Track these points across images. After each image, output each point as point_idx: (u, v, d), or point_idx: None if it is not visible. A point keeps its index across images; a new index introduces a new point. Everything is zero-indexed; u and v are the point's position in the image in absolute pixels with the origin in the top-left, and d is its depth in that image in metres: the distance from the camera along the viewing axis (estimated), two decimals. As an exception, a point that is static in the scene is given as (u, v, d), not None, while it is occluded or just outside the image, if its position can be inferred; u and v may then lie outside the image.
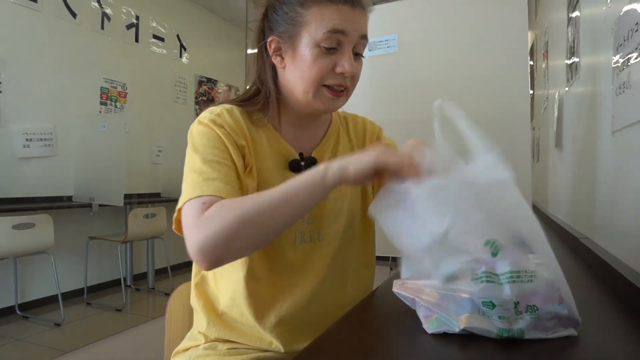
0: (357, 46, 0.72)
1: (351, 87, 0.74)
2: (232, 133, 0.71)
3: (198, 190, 0.63)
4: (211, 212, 0.59)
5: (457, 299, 0.52)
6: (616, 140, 0.92)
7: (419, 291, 0.56)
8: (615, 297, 0.73)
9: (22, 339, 2.53)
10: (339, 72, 0.70)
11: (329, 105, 0.73)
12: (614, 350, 0.51)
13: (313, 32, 0.68)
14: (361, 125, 0.89)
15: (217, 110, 0.73)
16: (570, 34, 1.51)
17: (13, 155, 3.05)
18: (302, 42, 0.70)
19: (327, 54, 0.69)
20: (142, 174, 4.08)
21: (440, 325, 0.52)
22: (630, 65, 0.78)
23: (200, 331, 0.79)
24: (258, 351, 0.77)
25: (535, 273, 0.50)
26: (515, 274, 0.49)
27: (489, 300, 0.50)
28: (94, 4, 3.64)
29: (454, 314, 0.52)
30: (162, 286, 3.70)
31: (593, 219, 1.14)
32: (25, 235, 2.58)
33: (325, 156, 0.81)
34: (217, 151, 0.68)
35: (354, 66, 0.71)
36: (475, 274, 0.50)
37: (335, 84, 0.71)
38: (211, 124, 0.70)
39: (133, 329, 2.69)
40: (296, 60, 0.71)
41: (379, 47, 1.45)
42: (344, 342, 0.55)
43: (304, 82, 0.70)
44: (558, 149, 1.84)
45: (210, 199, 0.61)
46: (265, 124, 0.77)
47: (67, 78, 3.40)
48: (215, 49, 5.07)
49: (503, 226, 0.52)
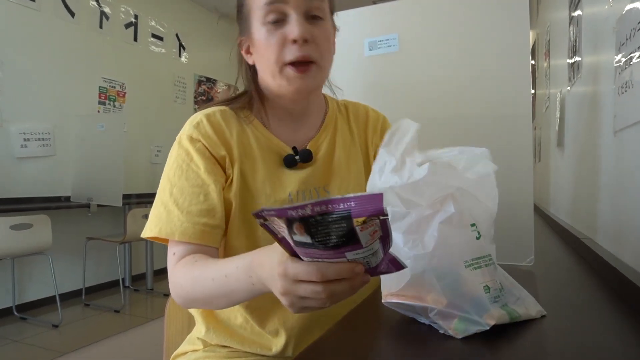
0: (309, 9, 0.66)
1: (320, 59, 0.68)
2: (210, 145, 0.69)
3: (164, 230, 0.66)
4: (176, 273, 0.65)
5: (468, 297, 0.52)
6: (618, 140, 0.91)
7: (420, 298, 0.54)
8: (617, 298, 0.72)
9: (19, 340, 2.52)
10: (291, 38, 0.65)
11: (297, 85, 0.68)
12: (615, 351, 0.50)
13: (257, 14, 0.67)
14: (363, 113, 0.85)
15: (196, 119, 0.71)
16: (572, 33, 1.51)
17: (11, 155, 3.04)
18: (254, 29, 0.69)
19: (276, 28, 0.66)
20: (141, 174, 4.07)
21: (469, 327, 0.51)
22: (633, 65, 0.77)
23: (199, 337, 0.79)
24: (257, 356, 0.76)
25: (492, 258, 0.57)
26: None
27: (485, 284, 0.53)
28: (92, 3, 3.63)
29: (475, 313, 0.52)
30: (161, 287, 3.69)
31: (595, 219, 1.14)
32: (23, 235, 2.57)
33: (322, 147, 0.77)
34: (189, 180, 0.68)
35: (305, 29, 0.65)
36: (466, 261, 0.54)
37: (297, 56, 0.65)
38: (187, 141, 0.69)
39: (131, 330, 2.68)
40: (256, 49, 0.70)
41: (379, 46, 1.44)
42: (343, 343, 0.54)
43: (268, 66, 0.68)
44: (560, 148, 1.84)
45: (179, 249, 0.66)
46: (252, 120, 0.75)
47: (65, 77, 3.39)
48: (214, 49, 5.06)
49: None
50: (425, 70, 1.41)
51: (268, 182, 0.71)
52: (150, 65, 4.21)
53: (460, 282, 0.53)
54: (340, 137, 0.80)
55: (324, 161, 0.76)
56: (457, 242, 0.54)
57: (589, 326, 0.58)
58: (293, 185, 0.72)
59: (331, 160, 0.77)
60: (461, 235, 0.54)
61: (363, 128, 0.84)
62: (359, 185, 0.78)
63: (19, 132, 3.07)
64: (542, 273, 0.95)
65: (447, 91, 1.40)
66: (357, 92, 1.74)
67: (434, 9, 1.40)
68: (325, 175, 0.76)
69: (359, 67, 1.44)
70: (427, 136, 1.58)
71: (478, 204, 0.57)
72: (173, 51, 4.52)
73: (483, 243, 0.55)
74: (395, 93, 1.46)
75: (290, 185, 0.72)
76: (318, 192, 0.75)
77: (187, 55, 4.69)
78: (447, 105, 1.40)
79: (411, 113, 1.49)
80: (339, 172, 0.77)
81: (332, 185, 0.76)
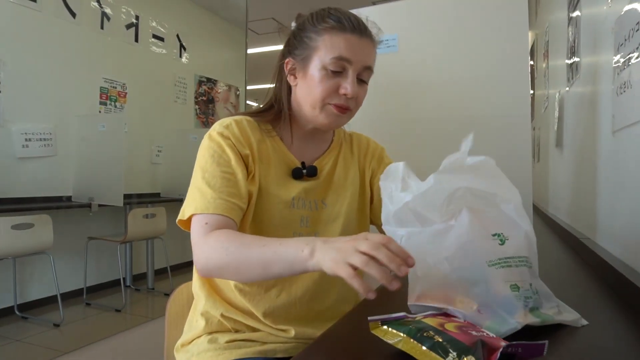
0: (361, 74, 0.79)
1: (354, 109, 0.81)
2: (237, 144, 0.78)
3: (200, 207, 0.72)
4: (211, 240, 0.68)
5: (497, 298, 0.53)
6: (617, 140, 0.92)
7: (449, 301, 0.55)
8: (615, 297, 0.73)
9: (21, 339, 2.52)
10: (342, 93, 0.77)
11: (333, 120, 0.80)
12: (614, 350, 0.51)
13: (323, 56, 0.77)
14: (365, 143, 0.97)
15: (226, 122, 0.81)
16: (571, 33, 1.51)
17: (12, 155, 3.04)
18: (313, 64, 0.78)
19: (333, 77, 0.77)
20: (142, 174, 4.07)
21: (501, 327, 0.52)
22: (631, 65, 0.77)
23: (202, 312, 0.82)
24: (258, 344, 0.79)
25: (528, 259, 0.59)
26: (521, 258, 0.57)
27: (514, 282, 0.55)
28: (93, 3, 3.63)
29: (505, 312, 0.53)
30: (161, 286, 3.69)
31: (593, 219, 1.14)
32: (24, 235, 2.57)
33: (326, 166, 0.88)
34: (220, 166, 0.76)
35: (356, 89, 0.77)
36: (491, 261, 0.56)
37: (339, 103, 0.78)
38: (218, 137, 0.78)
39: (133, 329, 2.69)
40: (306, 80, 0.79)
41: (379, 47, 1.44)
42: (343, 343, 0.54)
43: (312, 98, 0.78)
44: (558, 148, 1.84)
45: (212, 219, 0.71)
46: (273, 135, 0.85)
47: (67, 78, 3.40)
48: (215, 49, 5.07)
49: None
50: (425, 71, 1.42)
51: (276, 185, 0.81)
52: (151, 65, 4.22)
53: (487, 282, 0.54)
54: (342, 159, 0.91)
55: (325, 178, 0.87)
56: (477, 247, 0.56)
57: (587, 326, 0.58)
58: (296, 193, 0.82)
59: (332, 178, 0.88)
60: (482, 241, 0.56)
61: (363, 154, 0.96)
62: (352, 200, 0.89)
63: (21, 132, 3.07)
64: (541, 273, 0.95)
65: (446, 92, 1.40)
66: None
67: (433, 10, 1.40)
68: (324, 190, 0.87)
69: (359, 67, 1.45)
70: (427, 136, 1.59)
71: (493, 206, 0.58)
72: (174, 52, 4.52)
73: (508, 247, 0.57)
74: (395, 93, 1.47)
75: (294, 191, 0.82)
76: (317, 203, 0.85)
77: (188, 56, 4.69)
78: (446, 106, 1.41)
79: (410, 113, 1.49)
80: (336, 188, 0.88)
81: (328, 199, 0.86)
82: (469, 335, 0.45)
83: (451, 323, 0.49)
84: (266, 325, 0.80)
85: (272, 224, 0.80)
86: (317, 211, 0.84)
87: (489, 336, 0.45)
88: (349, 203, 0.87)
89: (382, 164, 0.94)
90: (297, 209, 0.82)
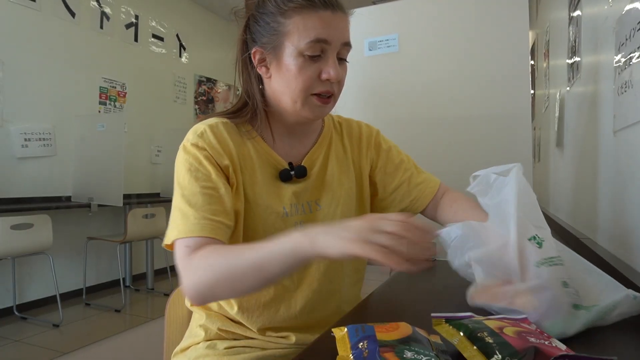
0: (340, 52, 0.71)
1: (337, 93, 0.74)
2: (214, 154, 0.70)
3: (182, 231, 0.64)
4: (195, 261, 0.61)
5: (553, 297, 0.54)
6: (618, 139, 0.91)
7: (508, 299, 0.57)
8: (617, 298, 0.72)
9: (20, 340, 2.52)
10: (325, 78, 0.69)
11: (318, 113, 0.73)
12: (614, 351, 0.50)
13: (296, 41, 0.68)
14: (356, 129, 0.88)
15: (200, 129, 0.72)
16: (572, 33, 1.51)
17: (11, 155, 3.04)
18: (286, 52, 0.69)
19: (312, 62, 0.69)
20: (142, 174, 4.07)
21: (558, 327, 0.53)
22: (632, 65, 0.77)
23: (200, 324, 0.80)
24: (258, 349, 0.77)
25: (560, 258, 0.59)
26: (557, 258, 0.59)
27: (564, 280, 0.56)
28: (93, 3, 3.63)
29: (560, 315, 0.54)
30: (161, 287, 3.69)
31: (594, 219, 1.14)
32: (23, 235, 2.57)
33: (317, 163, 0.80)
34: (199, 180, 0.68)
35: (339, 72, 0.70)
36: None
37: (323, 91, 0.71)
38: (193, 148, 0.70)
39: (132, 330, 2.68)
40: (281, 70, 0.70)
41: (379, 47, 1.44)
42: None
43: (292, 91, 0.70)
44: (559, 148, 1.84)
45: (194, 242, 0.63)
46: (254, 136, 0.76)
47: (66, 78, 3.40)
48: (214, 49, 5.07)
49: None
50: (425, 71, 1.42)
51: (265, 194, 0.74)
52: (150, 65, 4.22)
53: (540, 280, 0.56)
54: (334, 153, 0.83)
55: (317, 176, 0.80)
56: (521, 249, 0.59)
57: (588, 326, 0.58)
58: (287, 199, 0.76)
59: (324, 176, 0.81)
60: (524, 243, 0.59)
61: (357, 144, 0.87)
62: (349, 198, 0.82)
63: (20, 132, 3.07)
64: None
65: (446, 91, 1.40)
66: (356, 92, 1.74)
67: (434, 10, 1.40)
68: (317, 190, 0.80)
69: (358, 67, 1.45)
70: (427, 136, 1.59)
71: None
72: (173, 51, 4.52)
73: (547, 247, 0.59)
74: (395, 93, 1.46)
75: (284, 198, 0.75)
76: (310, 205, 0.78)
77: (188, 56, 4.69)
78: (446, 106, 1.41)
79: (411, 113, 1.49)
80: (330, 187, 0.80)
81: (323, 200, 0.79)
82: (524, 340, 0.43)
83: (512, 327, 0.46)
84: (266, 335, 0.78)
85: (266, 238, 0.73)
86: (312, 214, 0.78)
87: (549, 345, 0.43)
88: (346, 202, 0.81)
89: (381, 151, 0.87)
90: (291, 217, 0.75)
